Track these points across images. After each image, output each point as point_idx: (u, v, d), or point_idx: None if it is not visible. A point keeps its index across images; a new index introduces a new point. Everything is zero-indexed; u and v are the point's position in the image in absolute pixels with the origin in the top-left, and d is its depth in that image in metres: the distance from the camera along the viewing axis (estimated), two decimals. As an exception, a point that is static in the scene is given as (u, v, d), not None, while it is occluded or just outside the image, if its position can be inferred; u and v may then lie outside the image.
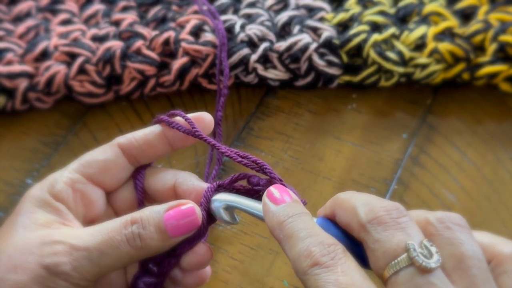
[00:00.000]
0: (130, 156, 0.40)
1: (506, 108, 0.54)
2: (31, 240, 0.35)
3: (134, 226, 0.35)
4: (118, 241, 0.35)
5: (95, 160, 0.39)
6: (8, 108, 0.54)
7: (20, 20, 0.58)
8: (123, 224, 0.35)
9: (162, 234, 0.35)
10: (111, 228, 0.35)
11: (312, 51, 0.53)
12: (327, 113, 0.54)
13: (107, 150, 0.39)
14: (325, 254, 0.30)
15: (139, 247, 0.35)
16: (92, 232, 0.35)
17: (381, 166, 0.51)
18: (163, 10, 0.58)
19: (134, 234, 0.35)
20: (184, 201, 0.36)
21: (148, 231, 0.35)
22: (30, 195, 0.38)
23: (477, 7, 0.55)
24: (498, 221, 0.47)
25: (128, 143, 0.40)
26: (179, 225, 0.36)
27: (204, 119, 0.40)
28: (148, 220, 0.35)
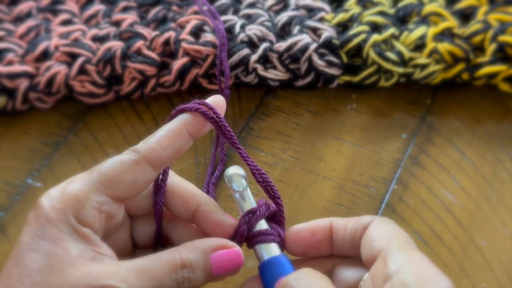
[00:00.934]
0: (157, 168, 0.37)
1: (505, 108, 0.54)
2: (75, 281, 0.33)
3: (185, 270, 0.35)
4: (168, 286, 0.34)
5: (123, 181, 0.36)
6: (8, 108, 0.54)
7: (21, 20, 0.58)
8: (173, 269, 0.35)
9: (208, 275, 0.36)
10: (161, 273, 0.34)
11: (312, 51, 0.53)
12: (327, 113, 0.55)
13: (134, 168, 0.36)
14: None
15: (189, 285, 0.35)
16: (140, 272, 0.34)
17: (381, 166, 0.51)
18: (163, 11, 0.58)
19: (184, 278, 0.35)
20: (229, 243, 0.37)
21: (197, 275, 0.35)
22: (52, 218, 0.34)
23: (476, 8, 0.55)
24: (498, 221, 0.47)
25: (158, 157, 0.37)
26: (224, 266, 0.36)
27: (219, 101, 0.39)
28: (197, 264, 0.35)
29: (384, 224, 0.36)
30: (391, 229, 0.36)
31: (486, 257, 0.46)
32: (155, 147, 0.37)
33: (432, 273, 0.32)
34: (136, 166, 0.36)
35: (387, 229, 0.36)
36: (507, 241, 0.46)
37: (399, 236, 0.35)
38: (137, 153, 0.36)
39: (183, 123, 0.38)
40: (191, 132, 0.38)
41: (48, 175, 0.52)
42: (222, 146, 0.52)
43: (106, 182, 0.36)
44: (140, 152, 0.37)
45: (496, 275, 0.45)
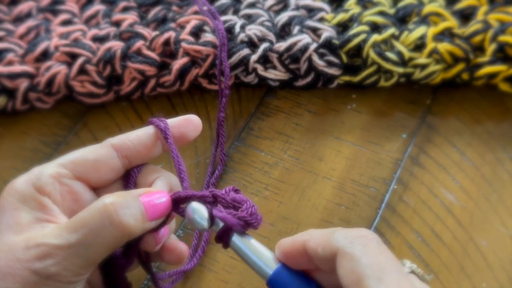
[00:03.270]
0: (122, 157, 0.39)
1: (505, 108, 0.54)
2: (15, 245, 0.34)
3: (116, 205, 0.34)
4: (101, 227, 0.34)
5: (85, 159, 0.38)
6: (8, 108, 0.54)
7: (21, 20, 0.58)
8: (102, 209, 0.34)
9: (143, 215, 0.35)
10: (92, 216, 0.34)
11: (312, 51, 0.53)
12: (327, 113, 0.55)
13: (98, 149, 0.39)
14: None
15: (123, 228, 0.34)
16: (73, 226, 0.34)
17: (381, 166, 0.51)
18: (163, 11, 0.58)
19: (117, 214, 0.34)
20: (153, 189, 0.37)
21: (132, 211, 0.35)
22: (14, 188, 0.37)
23: (476, 8, 0.55)
24: (498, 221, 0.47)
25: (122, 144, 0.39)
26: (155, 205, 0.36)
27: (192, 121, 0.40)
28: (128, 201, 0.35)
29: (350, 259, 0.31)
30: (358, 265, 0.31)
31: (486, 257, 0.46)
32: (121, 137, 0.39)
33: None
34: (100, 148, 0.39)
35: (353, 268, 0.31)
36: (507, 241, 0.46)
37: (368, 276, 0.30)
38: (105, 141, 0.39)
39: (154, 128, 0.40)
40: (161, 138, 0.40)
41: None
42: (222, 146, 0.52)
43: (70, 159, 0.38)
44: (107, 140, 0.39)
45: (496, 275, 0.45)
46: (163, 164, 0.52)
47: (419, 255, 0.46)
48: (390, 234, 0.47)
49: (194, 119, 0.41)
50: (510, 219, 0.47)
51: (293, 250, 0.34)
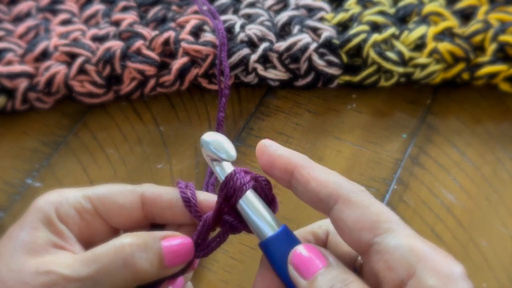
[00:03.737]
0: (148, 212, 0.37)
1: (505, 108, 0.54)
2: (26, 268, 0.33)
3: (133, 248, 0.33)
4: (114, 268, 0.33)
5: (112, 201, 0.37)
6: (8, 108, 0.54)
7: (20, 20, 0.58)
8: (118, 248, 0.33)
9: (160, 261, 0.34)
10: (106, 254, 0.33)
11: (312, 51, 0.53)
12: (327, 113, 0.54)
13: (128, 195, 0.37)
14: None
15: (136, 272, 0.33)
16: (86, 260, 0.33)
17: (381, 166, 0.51)
18: (163, 10, 0.58)
19: (132, 257, 0.33)
20: (178, 233, 0.36)
21: (148, 255, 0.34)
22: (39, 207, 0.36)
23: (476, 7, 0.55)
24: (498, 221, 0.47)
25: (152, 200, 0.37)
26: (175, 251, 0.35)
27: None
28: (147, 244, 0.34)
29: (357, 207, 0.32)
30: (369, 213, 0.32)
31: (486, 257, 0.46)
32: (156, 190, 0.37)
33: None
34: (130, 194, 0.37)
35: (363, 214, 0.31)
36: (507, 241, 0.46)
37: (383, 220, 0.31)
38: (139, 187, 0.38)
39: None
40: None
41: (47, 175, 0.52)
42: None
43: (98, 195, 0.37)
44: (141, 187, 0.38)
45: (496, 275, 0.45)
46: (163, 164, 0.51)
47: (419, 255, 0.46)
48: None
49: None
50: (510, 219, 0.47)
51: (279, 162, 0.35)
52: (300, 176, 0.34)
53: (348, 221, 0.32)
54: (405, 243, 0.30)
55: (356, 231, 0.31)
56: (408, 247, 0.30)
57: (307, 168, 0.34)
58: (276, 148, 0.36)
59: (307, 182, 0.34)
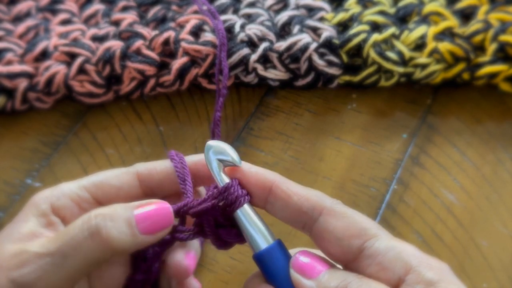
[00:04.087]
0: (146, 188, 0.38)
1: (506, 108, 0.54)
2: (6, 253, 0.33)
3: (99, 218, 0.33)
4: (80, 239, 0.32)
5: (109, 185, 0.37)
6: (8, 108, 0.54)
7: (20, 20, 0.58)
8: (84, 219, 0.33)
9: (132, 229, 0.33)
10: (73, 227, 0.33)
11: (312, 51, 0.53)
12: (327, 113, 0.54)
13: (123, 176, 0.37)
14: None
15: (104, 242, 0.32)
16: (56, 235, 0.33)
17: (381, 166, 0.51)
18: (163, 10, 0.58)
19: (98, 226, 0.32)
20: (155, 200, 0.35)
21: (117, 224, 0.33)
22: (34, 202, 0.36)
23: (477, 7, 0.55)
24: (498, 221, 0.47)
25: (148, 175, 0.37)
26: (150, 218, 0.34)
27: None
28: (116, 212, 0.33)
29: (343, 217, 0.33)
30: (355, 221, 0.33)
31: (486, 257, 0.46)
32: (149, 166, 0.38)
33: None
34: (125, 174, 0.37)
35: (350, 223, 0.33)
36: (508, 241, 0.46)
37: (369, 227, 0.33)
38: (131, 167, 0.38)
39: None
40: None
41: (47, 175, 0.51)
42: None
43: (94, 182, 0.37)
44: (135, 167, 0.38)
45: (496, 275, 0.45)
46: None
47: (419, 256, 0.46)
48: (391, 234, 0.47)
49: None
50: (510, 219, 0.47)
51: (255, 180, 0.35)
52: (280, 191, 0.34)
53: (336, 231, 0.33)
54: (396, 244, 0.32)
55: (345, 239, 0.32)
56: (400, 248, 0.32)
57: (285, 184, 0.34)
58: (249, 167, 0.35)
59: (288, 196, 0.34)
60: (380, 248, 0.31)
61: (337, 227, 0.32)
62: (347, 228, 0.32)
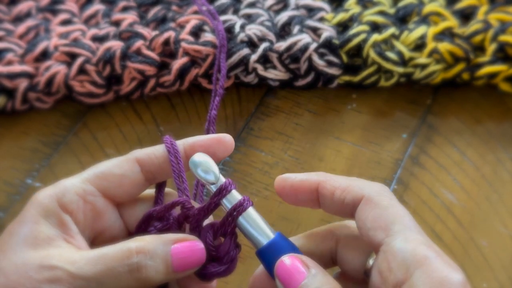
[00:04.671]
0: (147, 173, 0.38)
1: (505, 108, 0.54)
2: (30, 261, 0.33)
3: (140, 255, 0.33)
4: (119, 272, 0.33)
5: (112, 174, 0.37)
6: (8, 108, 0.54)
7: (20, 20, 0.58)
8: (125, 253, 0.33)
9: (167, 268, 0.34)
10: (113, 257, 0.33)
11: (312, 51, 0.53)
12: (327, 113, 0.54)
13: (124, 164, 0.37)
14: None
15: (142, 279, 0.33)
16: (93, 259, 0.33)
17: (381, 166, 0.51)
18: (163, 10, 0.58)
19: (139, 265, 0.33)
20: (190, 237, 0.35)
21: (156, 263, 0.33)
22: (37, 201, 0.36)
23: (476, 7, 0.55)
24: (498, 221, 0.47)
25: (148, 160, 0.38)
26: (185, 258, 0.34)
27: (223, 142, 0.38)
28: (156, 251, 0.34)
29: (376, 207, 0.33)
30: (386, 213, 0.33)
31: (486, 257, 0.46)
32: (147, 151, 0.38)
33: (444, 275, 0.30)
34: (125, 162, 0.38)
35: (381, 215, 0.33)
36: (508, 241, 0.46)
37: (397, 222, 0.33)
38: (130, 154, 0.38)
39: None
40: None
41: (47, 175, 0.51)
42: None
43: (96, 174, 0.37)
44: (133, 153, 0.38)
45: (496, 275, 0.45)
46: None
47: (419, 255, 0.46)
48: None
49: (227, 140, 0.39)
50: (510, 219, 0.47)
51: (302, 187, 0.36)
52: (324, 190, 0.36)
53: (367, 220, 0.33)
54: (409, 247, 0.31)
55: (372, 229, 0.33)
56: (411, 252, 0.31)
57: (329, 181, 0.36)
58: (294, 177, 0.37)
59: (332, 193, 0.35)
60: (395, 248, 0.31)
61: (368, 217, 0.33)
62: (376, 219, 0.33)
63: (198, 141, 0.39)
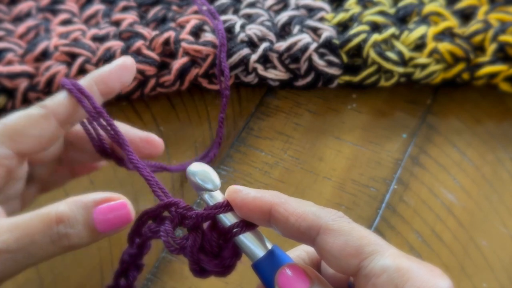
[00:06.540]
0: (64, 124, 0.36)
1: (505, 108, 0.54)
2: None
3: (61, 226, 0.32)
4: (43, 243, 0.32)
5: (29, 135, 0.35)
6: (8, 108, 0.54)
7: (20, 20, 0.58)
8: (47, 224, 0.32)
9: (91, 231, 0.33)
10: (35, 229, 0.32)
11: (312, 51, 0.53)
12: (327, 113, 0.54)
13: (42, 123, 0.35)
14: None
15: (66, 246, 0.33)
16: (15, 230, 0.32)
17: (381, 166, 0.51)
18: (163, 10, 0.58)
19: (60, 234, 0.32)
20: (115, 196, 0.34)
21: (77, 230, 0.33)
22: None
23: (477, 7, 0.55)
24: (498, 221, 0.47)
25: (65, 112, 0.36)
26: (109, 220, 0.33)
27: (126, 67, 0.38)
28: (76, 218, 0.33)
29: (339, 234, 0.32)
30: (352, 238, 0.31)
31: (486, 257, 0.46)
32: (63, 102, 0.36)
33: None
34: (43, 120, 0.36)
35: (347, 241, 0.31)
36: (508, 241, 0.46)
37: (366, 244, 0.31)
38: (45, 108, 0.36)
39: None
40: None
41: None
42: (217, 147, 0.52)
43: (11, 135, 0.35)
44: (48, 107, 0.36)
45: (496, 275, 0.45)
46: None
47: (419, 255, 0.46)
48: (391, 234, 0.47)
49: (128, 63, 0.38)
50: (510, 219, 0.47)
51: (254, 205, 0.34)
52: (278, 214, 0.33)
53: (333, 250, 0.31)
54: (390, 263, 0.30)
55: (343, 259, 0.31)
56: (394, 268, 0.30)
57: (282, 205, 0.33)
58: (247, 192, 0.34)
59: (286, 218, 0.33)
60: (375, 269, 0.30)
61: (334, 247, 0.31)
62: (343, 247, 0.31)
63: (102, 72, 0.38)
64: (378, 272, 0.30)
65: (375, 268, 0.30)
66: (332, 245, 0.31)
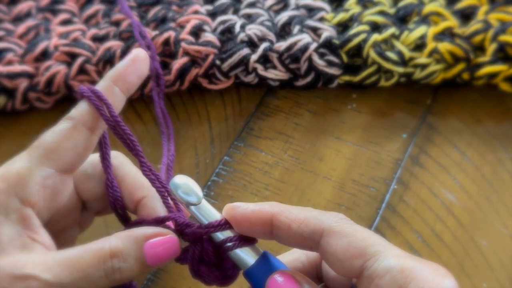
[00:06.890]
0: (94, 130, 0.37)
1: (505, 108, 0.54)
2: (2, 270, 0.32)
3: (115, 260, 0.33)
4: (96, 277, 0.33)
5: (65, 149, 0.36)
6: (8, 108, 0.54)
7: (20, 20, 0.58)
8: (101, 259, 0.33)
9: (142, 265, 0.34)
10: (88, 263, 0.33)
11: (312, 51, 0.53)
12: (327, 113, 0.54)
13: (74, 134, 0.36)
14: None
15: (118, 280, 0.34)
16: (68, 265, 0.32)
17: (381, 166, 0.51)
18: (163, 10, 0.58)
19: (114, 268, 0.33)
20: (164, 231, 0.35)
21: (129, 264, 0.34)
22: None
23: (477, 7, 0.55)
24: (498, 221, 0.47)
25: (93, 118, 0.37)
26: (158, 254, 0.34)
27: (139, 60, 0.38)
28: (129, 252, 0.34)
29: (342, 236, 0.32)
30: (355, 240, 0.31)
31: (486, 257, 0.46)
32: (87, 109, 0.37)
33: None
34: (74, 131, 0.36)
35: (350, 243, 0.31)
36: (508, 241, 0.46)
37: (370, 244, 0.31)
38: (72, 119, 0.36)
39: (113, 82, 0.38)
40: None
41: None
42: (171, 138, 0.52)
43: (48, 154, 0.35)
44: (74, 118, 0.36)
45: (496, 275, 0.45)
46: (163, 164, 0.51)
47: (419, 255, 0.46)
48: (391, 234, 0.47)
49: (141, 56, 0.38)
50: (510, 219, 0.47)
51: (254, 218, 0.34)
52: (279, 223, 0.33)
53: (337, 252, 0.31)
54: (394, 264, 0.30)
55: (346, 260, 0.31)
56: (398, 269, 0.30)
57: (283, 213, 0.33)
58: (246, 207, 0.34)
59: (288, 226, 0.33)
60: (379, 269, 0.30)
61: (337, 249, 0.31)
62: (346, 248, 0.31)
63: (118, 70, 0.38)
64: (381, 272, 0.30)
65: (379, 269, 0.30)
66: (336, 247, 0.31)
